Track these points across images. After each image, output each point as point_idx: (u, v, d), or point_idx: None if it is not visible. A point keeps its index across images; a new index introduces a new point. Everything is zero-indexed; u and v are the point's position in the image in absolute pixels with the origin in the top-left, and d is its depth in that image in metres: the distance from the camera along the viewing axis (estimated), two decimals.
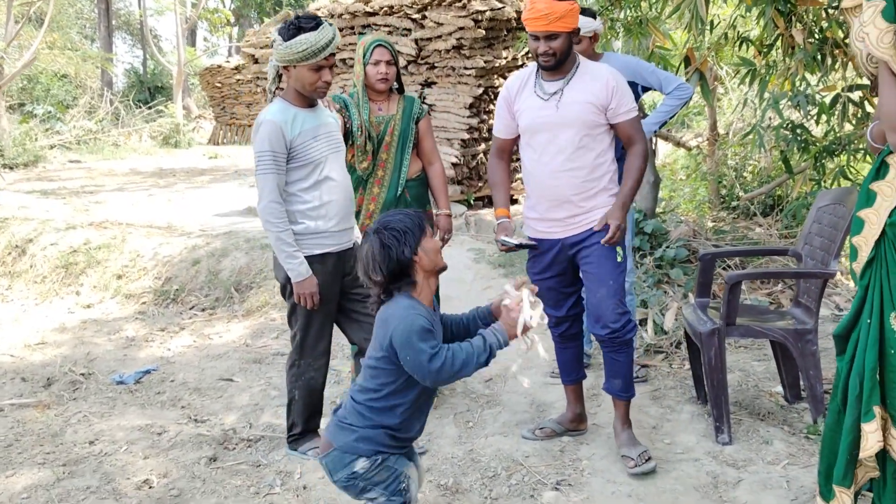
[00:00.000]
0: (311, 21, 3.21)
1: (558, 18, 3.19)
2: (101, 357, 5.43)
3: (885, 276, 2.40)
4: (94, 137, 19.12)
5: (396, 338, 2.39)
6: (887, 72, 2.26)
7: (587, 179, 3.38)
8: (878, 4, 2.23)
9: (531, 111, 3.43)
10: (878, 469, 2.50)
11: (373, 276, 2.45)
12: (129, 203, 10.53)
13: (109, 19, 31.77)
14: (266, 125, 3.27)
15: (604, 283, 3.38)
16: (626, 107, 3.36)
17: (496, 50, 8.01)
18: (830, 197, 3.82)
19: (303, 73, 3.27)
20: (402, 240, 2.44)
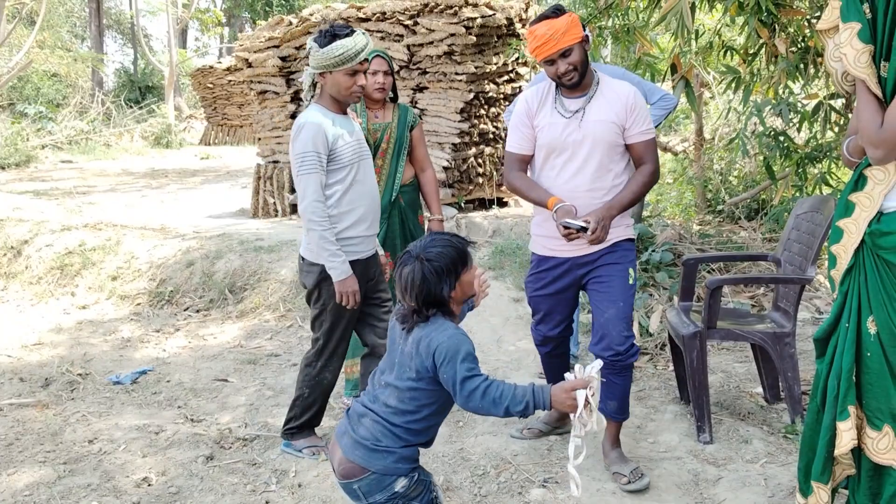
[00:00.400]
0: (346, 28, 3.34)
1: (564, 33, 3.16)
2: (98, 357, 5.52)
3: (863, 283, 2.52)
4: (86, 137, 19.17)
5: (440, 355, 2.35)
6: (865, 90, 2.38)
7: (605, 200, 3.31)
8: (855, 26, 2.35)
9: (552, 129, 3.36)
10: (854, 467, 2.62)
11: (408, 301, 2.44)
12: (122, 204, 10.61)
13: (100, 19, 31.75)
14: (309, 126, 3.36)
15: (613, 304, 3.34)
16: (643, 127, 3.32)
17: (487, 56, 8.12)
18: (808, 205, 3.96)
19: (339, 78, 3.38)
20: (443, 277, 2.42)
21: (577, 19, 3.23)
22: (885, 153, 2.35)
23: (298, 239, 7.35)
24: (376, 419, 2.47)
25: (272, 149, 9.61)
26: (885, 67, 2.35)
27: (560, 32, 3.15)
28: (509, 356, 5.09)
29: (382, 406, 2.48)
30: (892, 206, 2.44)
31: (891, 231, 2.42)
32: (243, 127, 21.90)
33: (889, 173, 2.42)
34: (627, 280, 3.37)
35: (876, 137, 2.33)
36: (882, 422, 2.50)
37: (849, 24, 2.37)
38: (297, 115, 9.23)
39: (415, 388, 2.43)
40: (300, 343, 5.65)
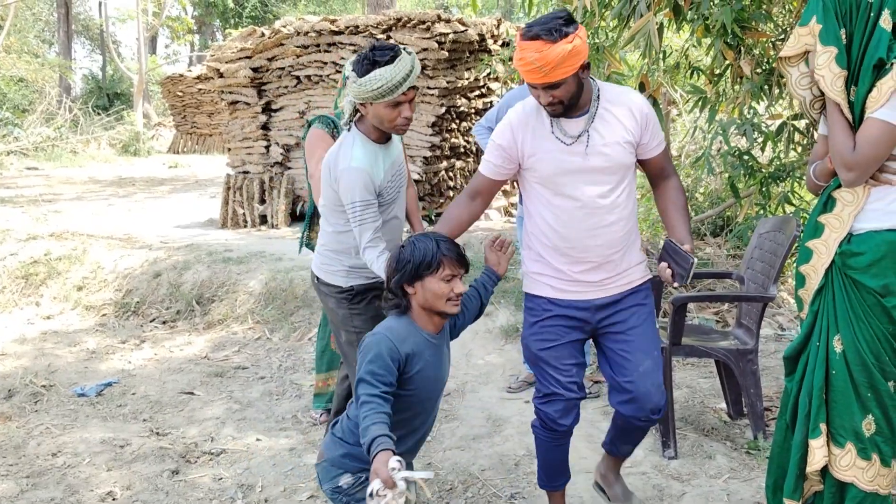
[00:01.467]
0: (387, 53, 2.84)
1: (554, 68, 2.50)
2: (62, 369, 5.46)
3: (831, 302, 2.60)
4: (53, 144, 18.96)
5: (361, 346, 2.44)
6: (838, 114, 2.46)
7: (626, 232, 2.81)
8: (833, 51, 2.43)
9: (552, 157, 2.73)
10: (822, 482, 2.68)
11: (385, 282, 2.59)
12: (89, 212, 10.50)
13: (69, 24, 31.45)
14: (355, 173, 2.96)
15: (648, 354, 2.80)
16: (658, 138, 2.79)
17: (458, 71, 8.19)
18: (771, 224, 4.04)
19: (380, 111, 2.91)
20: (400, 266, 2.51)
21: (577, 49, 2.53)
22: (858, 175, 2.43)
23: (268, 250, 7.35)
24: (345, 414, 2.58)
25: (242, 159, 9.58)
26: (854, 92, 2.44)
27: (550, 66, 2.49)
28: (478, 370, 5.12)
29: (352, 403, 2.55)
30: (863, 228, 2.51)
31: (861, 252, 2.50)
32: (213, 136, 21.79)
33: (858, 196, 2.50)
34: (655, 325, 2.91)
35: (850, 160, 2.41)
36: (845, 439, 2.56)
37: (828, 47, 2.44)
38: (268, 126, 9.27)
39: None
40: (268, 355, 5.64)
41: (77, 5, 35.05)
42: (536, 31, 2.51)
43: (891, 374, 2.51)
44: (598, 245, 2.77)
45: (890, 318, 2.48)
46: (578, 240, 2.77)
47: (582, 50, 2.53)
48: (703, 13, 4.65)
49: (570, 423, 2.91)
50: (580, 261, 2.79)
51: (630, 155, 2.74)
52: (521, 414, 4.35)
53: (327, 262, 3.23)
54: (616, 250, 2.79)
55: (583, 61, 2.56)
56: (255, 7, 31.74)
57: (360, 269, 3.17)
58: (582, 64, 2.56)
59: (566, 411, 2.89)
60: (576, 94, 2.63)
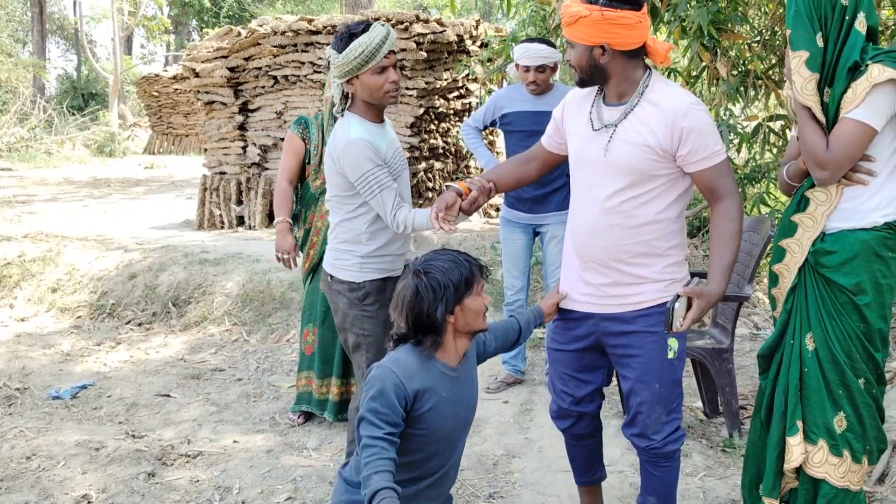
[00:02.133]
0: (361, 25, 2.94)
1: (568, 24, 2.49)
2: (37, 371, 5.40)
3: (803, 301, 2.63)
4: (26, 145, 18.76)
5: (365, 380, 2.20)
6: (809, 116, 2.50)
7: (637, 241, 2.58)
8: (803, 55, 2.47)
9: (579, 140, 2.67)
10: (797, 479, 2.71)
11: (398, 320, 2.23)
12: (63, 214, 10.40)
13: (43, 24, 31.15)
14: (357, 143, 2.92)
15: (647, 386, 2.64)
16: (706, 151, 2.48)
17: (437, 72, 8.19)
18: (745, 225, 4.06)
19: (368, 80, 2.93)
20: (440, 294, 2.18)
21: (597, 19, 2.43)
22: (831, 174, 2.47)
23: (245, 251, 7.31)
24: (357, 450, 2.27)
25: (219, 160, 9.52)
26: (828, 93, 2.47)
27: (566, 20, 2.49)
28: None
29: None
30: (836, 227, 2.55)
31: (833, 250, 2.54)
32: (189, 136, 21.65)
33: (831, 195, 2.53)
34: (666, 354, 2.62)
35: (823, 159, 2.45)
36: (817, 436, 2.60)
37: (798, 52, 2.48)
38: (245, 127, 9.23)
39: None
40: (245, 357, 5.61)
41: (51, 4, 34.74)
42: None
43: (861, 372, 2.55)
44: (596, 243, 2.62)
45: (861, 317, 2.52)
46: (581, 232, 2.67)
47: (599, 27, 2.41)
48: (680, 15, 4.70)
49: (566, 426, 2.91)
50: (582, 257, 2.69)
51: (652, 162, 2.49)
52: (499, 414, 4.36)
53: (339, 256, 3.13)
54: (617, 258, 2.60)
55: (599, 40, 2.44)
56: (232, 6, 31.59)
57: (373, 261, 3.08)
58: (598, 42, 2.45)
59: (560, 415, 2.91)
60: (586, 69, 2.52)
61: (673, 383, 2.66)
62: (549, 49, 4.31)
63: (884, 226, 2.50)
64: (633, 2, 2.44)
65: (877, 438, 2.60)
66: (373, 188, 2.93)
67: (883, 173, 2.49)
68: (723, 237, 2.52)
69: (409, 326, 2.20)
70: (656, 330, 2.59)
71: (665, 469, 2.73)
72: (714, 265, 2.52)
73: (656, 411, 2.65)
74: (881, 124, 2.42)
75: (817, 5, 2.46)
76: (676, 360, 2.65)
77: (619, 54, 2.48)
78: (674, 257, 2.62)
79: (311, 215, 4.26)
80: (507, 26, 9.56)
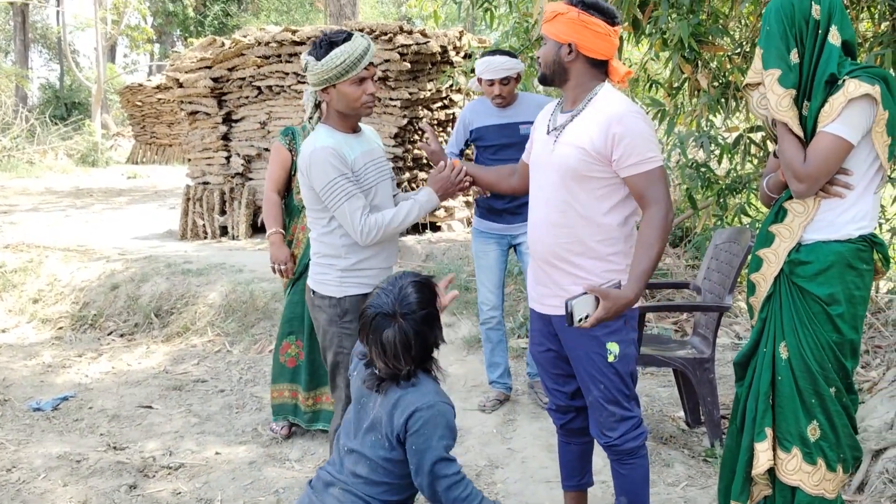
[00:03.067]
0: (342, 34, 2.87)
1: (545, 19, 2.67)
2: (18, 383, 5.36)
3: (778, 310, 2.67)
4: (8, 155, 18.63)
5: (416, 421, 2.16)
6: (786, 130, 2.54)
7: (575, 241, 2.68)
8: (775, 73, 2.52)
9: (536, 145, 2.86)
10: (770, 487, 2.74)
11: (397, 365, 2.21)
12: (45, 224, 10.34)
13: (25, 33, 31.02)
14: (321, 152, 2.86)
15: (594, 385, 2.72)
16: (636, 157, 2.56)
17: (421, 82, 8.21)
18: (726, 236, 4.12)
19: (346, 90, 2.87)
20: (434, 323, 2.26)
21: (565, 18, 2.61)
22: (809, 186, 2.51)
23: (228, 262, 7.29)
24: (347, 489, 2.25)
25: (202, 170, 9.50)
26: (807, 107, 2.52)
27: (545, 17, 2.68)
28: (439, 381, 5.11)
29: (350, 475, 2.26)
30: (811, 238, 2.59)
31: (808, 261, 2.58)
32: (172, 146, 21.59)
33: (808, 207, 2.58)
34: (606, 357, 2.68)
35: (801, 172, 2.50)
36: (791, 444, 2.63)
37: (770, 70, 2.53)
38: (228, 137, 9.22)
39: (388, 458, 2.23)
40: (227, 368, 5.59)
41: (34, 13, 34.57)
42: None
43: (832, 381, 2.59)
44: (540, 239, 2.75)
45: (834, 327, 2.55)
46: (532, 230, 2.82)
47: (572, 26, 2.58)
48: (661, 27, 4.74)
49: (564, 421, 3.00)
50: (534, 255, 2.83)
51: (586, 164, 2.60)
52: (482, 425, 4.37)
53: (320, 271, 3.05)
54: (562, 256, 2.70)
55: (569, 38, 2.60)
56: (217, 16, 31.57)
57: (353, 275, 3.00)
58: (567, 40, 2.60)
59: (558, 410, 3.01)
60: (550, 66, 2.67)
61: (620, 384, 2.71)
62: (512, 60, 4.22)
63: (858, 238, 2.54)
64: (609, 15, 2.61)
65: (850, 447, 2.63)
66: (338, 198, 2.87)
67: (859, 187, 2.53)
68: (641, 244, 2.58)
69: (413, 364, 2.23)
70: (595, 332, 2.63)
71: (630, 466, 2.78)
72: (630, 270, 2.59)
73: (608, 409, 2.72)
74: (857, 138, 2.46)
75: (791, 22, 2.50)
76: (619, 363, 2.69)
77: (582, 59, 2.63)
78: (615, 264, 2.68)
79: (293, 227, 4.23)
80: (491, 37, 9.60)
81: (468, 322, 5.93)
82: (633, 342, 2.75)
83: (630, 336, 2.72)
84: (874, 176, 2.55)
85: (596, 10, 2.59)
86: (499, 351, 4.60)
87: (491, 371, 4.65)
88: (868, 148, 2.51)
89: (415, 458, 2.15)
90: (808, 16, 2.49)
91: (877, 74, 2.45)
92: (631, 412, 2.75)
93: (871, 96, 2.41)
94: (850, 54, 2.56)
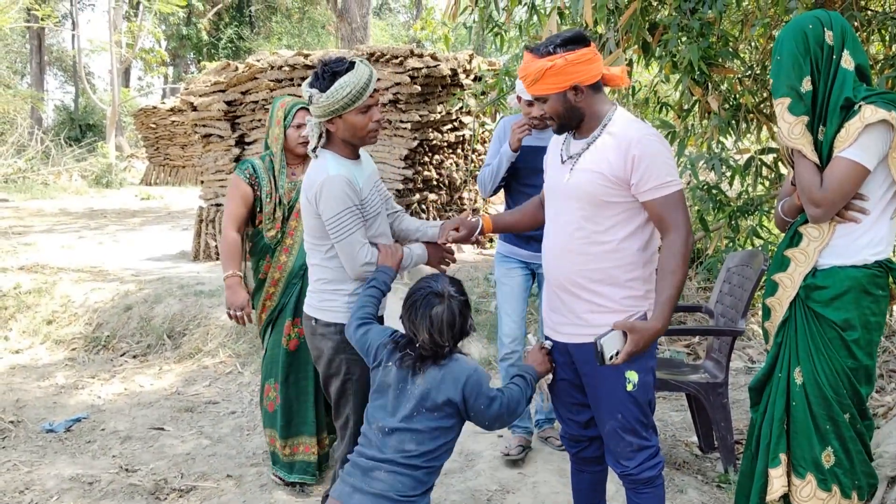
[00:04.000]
0: (343, 63, 2.83)
1: (534, 81, 2.59)
2: (31, 404, 5.38)
3: (793, 335, 2.66)
4: (23, 176, 18.79)
5: (470, 388, 2.48)
6: (802, 156, 2.55)
7: (594, 269, 2.64)
8: (785, 101, 2.56)
9: (550, 172, 2.84)
10: None
11: (441, 340, 2.50)
12: (59, 245, 10.40)
13: (41, 56, 31.39)
14: (336, 181, 2.83)
15: (610, 416, 2.67)
16: (655, 181, 2.52)
17: (431, 105, 8.26)
18: (738, 259, 4.11)
19: (352, 119, 2.85)
20: (469, 311, 2.59)
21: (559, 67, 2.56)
22: (825, 211, 2.52)
23: None
24: (394, 469, 2.45)
25: (215, 192, 9.56)
26: (822, 132, 2.53)
27: (530, 79, 2.60)
28: None
29: (397, 453, 2.46)
30: (827, 263, 2.59)
31: (824, 286, 2.58)
32: (185, 168, 21.71)
33: (823, 231, 2.58)
34: (625, 386, 2.63)
35: (817, 196, 2.50)
36: (805, 470, 2.62)
37: (780, 99, 2.57)
38: (241, 159, 9.27)
39: (438, 426, 2.50)
40: (239, 390, 5.59)
41: (50, 36, 34.99)
42: (531, 45, 2.63)
43: (847, 407, 2.57)
44: (559, 267, 2.72)
45: (850, 352, 2.54)
46: (548, 257, 2.79)
47: (566, 71, 2.54)
48: (671, 50, 4.76)
49: (577, 450, 2.97)
50: (551, 283, 2.79)
51: (605, 188, 2.57)
52: (493, 448, 4.35)
53: (325, 297, 2.98)
54: (580, 283, 2.66)
55: (570, 82, 2.56)
56: (230, 39, 31.87)
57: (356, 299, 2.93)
58: (571, 85, 2.56)
59: (570, 439, 2.98)
60: (564, 114, 2.63)
61: (638, 413, 2.66)
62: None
63: (874, 264, 2.54)
64: (583, 41, 2.58)
65: (865, 473, 2.61)
66: (346, 229, 2.83)
67: (875, 212, 2.54)
68: (663, 271, 2.54)
69: (453, 342, 2.53)
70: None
71: (646, 496, 2.72)
72: (656, 299, 2.55)
73: (625, 440, 2.67)
74: (873, 163, 2.46)
75: (806, 49, 2.52)
76: (638, 391, 2.64)
77: (589, 90, 2.61)
78: (634, 290, 2.64)
79: (265, 265, 3.94)
80: (500, 60, 9.66)
81: (478, 345, 5.92)
82: (652, 370, 2.71)
83: (649, 364, 2.67)
84: (890, 201, 2.55)
85: (572, 43, 2.56)
86: None
87: None
88: (884, 173, 2.52)
89: (481, 413, 2.50)
90: (821, 42, 2.51)
91: (893, 100, 2.47)
92: (649, 441, 2.70)
93: (887, 122, 2.42)
94: (864, 78, 2.58)
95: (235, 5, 34.40)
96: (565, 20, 5.37)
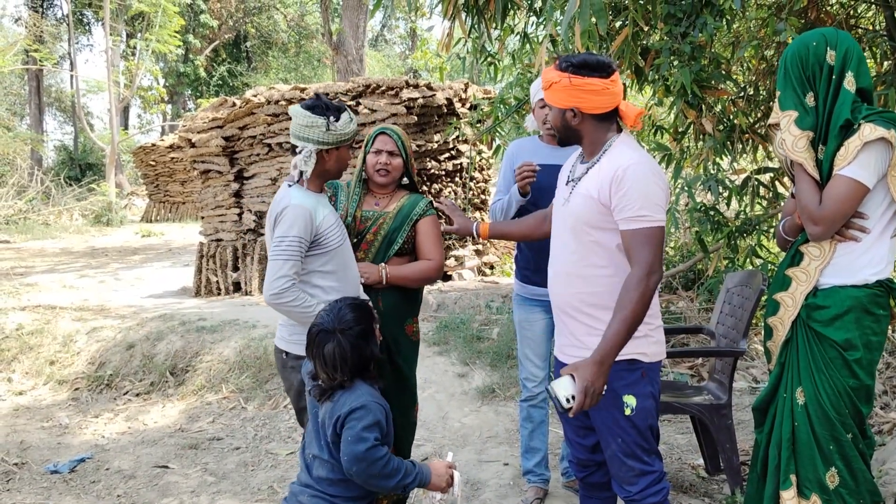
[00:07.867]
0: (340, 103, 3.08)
1: (545, 88, 2.67)
2: (35, 445, 5.36)
3: (795, 355, 2.66)
4: (24, 217, 18.85)
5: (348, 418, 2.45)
6: (803, 172, 2.57)
7: (589, 292, 2.65)
8: (792, 114, 2.58)
9: (557, 191, 2.87)
10: None
11: (336, 376, 2.52)
12: (61, 285, 10.41)
13: (40, 97, 31.59)
14: (295, 210, 2.91)
15: (612, 440, 2.67)
16: (630, 212, 2.49)
17: (428, 134, 8.32)
18: (738, 279, 4.11)
19: (344, 153, 3.09)
20: (369, 338, 2.59)
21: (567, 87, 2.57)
22: (825, 230, 2.53)
23: (242, 318, 7.32)
24: (315, 494, 2.56)
25: (215, 227, 9.59)
26: (822, 150, 2.55)
27: (544, 84, 2.67)
28: (454, 433, 5.09)
29: (317, 480, 2.57)
30: (828, 282, 2.60)
31: (825, 305, 2.58)
32: (185, 204, 21.80)
33: (824, 250, 2.59)
34: (623, 410, 2.61)
35: (816, 214, 2.52)
36: (810, 491, 2.60)
37: (787, 112, 2.59)
38: (240, 194, 9.32)
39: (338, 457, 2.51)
40: (243, 425, 5.58)
41: (48, 77, 35.23)
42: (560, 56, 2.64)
43: (849, 427, 2.56)
44: (556, 290, 2.75)
45: (851, 372, 2.54)
46: (551, 279, 2.79)
47: (568, 92, 2.56)
48: (664, 74, 4.79)
49: (584, 475, 2.94)
50: (554, 306, 2.80)
51: (595, 214, 2.56)
52: (498, 477, 4.33)
53: (296, 331, 2.98)
54: (577, 307, 2.66)
55: (569, 104, 2.58)
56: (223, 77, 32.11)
57: None
58: (569, 106, 2.59)
59: (578, 464, 2.96)
60: (561, 130, 2.68)
61: (638, 437, 2.63)
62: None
63: (875, 283, 2.54)
64: (601, 70, 2.55)
65: (870, 492, 2.60)
66: (281, 252, 2.87)
67: (875, 231, 2.54)
68: (616, 305, 2.47)
69: (350, 375, 2.52)
70: (611, 386, 2.53)
71: None
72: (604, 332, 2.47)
73: (627, 464, 2.66)
74: (873, 182, 2.47)
75: (805, 66, 2.55)
76: (636, 416, 2.61)
77: (589, 117, 2.61)
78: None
79: None
80: (495, 89, 9.73)
81: (481, 372, 5.91)
82: (652, 395, 2.66)
83: (647, 389, 2.63)
84: (890, 220, 2.56)
85: (586, 68, 2.55)
86: (539, 434, 3.94)
87: (527, 458, 3.98)
88: (884, 192, 2.52)
89: (348, 446, 2.43)
90: (822, 60, 2.54)
91: (892, 119, 2.48)
92: (651, 466, 2.67)
93: (886, 140, 2.43)
94: (867, 100, 2.59)
95: (232, 41, 34.71)
96: (557, 48, 5.42)
